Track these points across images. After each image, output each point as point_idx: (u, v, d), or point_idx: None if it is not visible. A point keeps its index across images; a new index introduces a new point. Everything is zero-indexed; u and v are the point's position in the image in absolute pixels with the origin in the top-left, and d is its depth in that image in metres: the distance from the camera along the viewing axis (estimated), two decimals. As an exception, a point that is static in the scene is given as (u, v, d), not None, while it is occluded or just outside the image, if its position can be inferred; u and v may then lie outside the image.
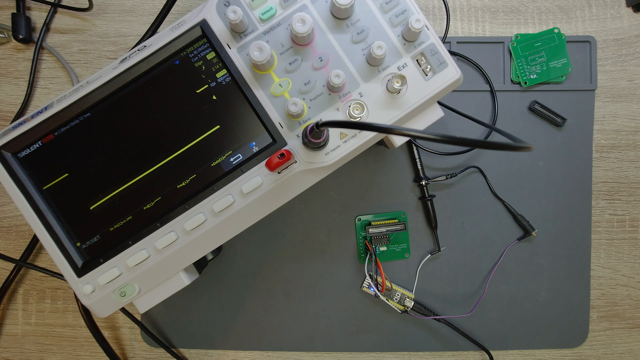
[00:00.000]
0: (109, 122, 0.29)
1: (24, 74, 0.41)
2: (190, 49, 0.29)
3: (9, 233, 0.42)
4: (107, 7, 0.41)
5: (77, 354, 0.42)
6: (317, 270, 0.41)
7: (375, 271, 0.40)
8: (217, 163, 0.30)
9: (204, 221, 0.29)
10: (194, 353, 0.42)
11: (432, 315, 0.40)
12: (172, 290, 0.32)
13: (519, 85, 0.41)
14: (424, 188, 0.40)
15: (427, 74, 0.29)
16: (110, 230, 0.30)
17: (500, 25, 0.41)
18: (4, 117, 0.41)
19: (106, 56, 0.41)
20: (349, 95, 0.29)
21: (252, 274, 0.41)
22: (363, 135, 0.29)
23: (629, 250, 0.41)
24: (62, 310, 0.42)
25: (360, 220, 0.41)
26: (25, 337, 0.42)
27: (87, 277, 0.30)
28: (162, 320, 0.41)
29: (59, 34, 0.41)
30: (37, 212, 0.29)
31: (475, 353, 0.41)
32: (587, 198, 0.41)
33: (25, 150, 0.30)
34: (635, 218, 0.41)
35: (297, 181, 0.30)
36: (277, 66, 0.29)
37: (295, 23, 0.27)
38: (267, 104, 0.29)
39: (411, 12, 0.28)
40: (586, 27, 0.41)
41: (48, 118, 0.29)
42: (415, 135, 0.20)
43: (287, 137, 0.29)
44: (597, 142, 0.41)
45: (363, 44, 0.29)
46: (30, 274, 0.42)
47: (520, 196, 0.41)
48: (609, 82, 0.41)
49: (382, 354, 0.42)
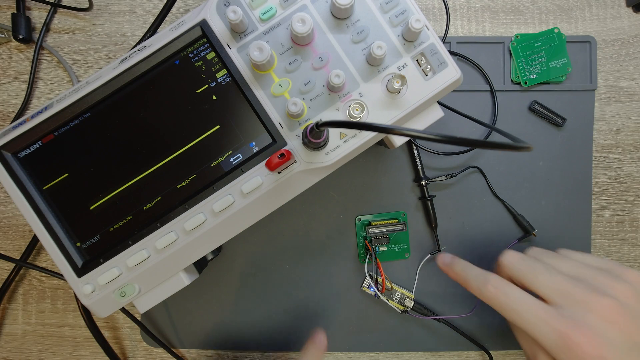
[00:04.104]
0: (108, 122, 0.29)
1: (24, 74, 0.41)
2: (190, 49, 0.29)
3: (9, 233, 0.42)
4: (107, 7, 0.41)
5: (77, 354, 0.42)
6: (317, 270, 0.41)
7: (375, 271, 0.40)
8: (217, 163, 0.30)
9: (204, 221, 0.29)
10: (194, 353, 0.42)
11: (432, 315, 0.40)
12: (172, 290, 0.32)
13: (519, 85, 0.41)
14: (424, 188, 0.40)
15: (427, 74, 0.29)
16: (110, 230, 0.30)
17: (500, 25, 0.41)
18: (4, 117, 0.41)
19: (106, 56, 0.41)
20: (349, 95, 0.29)
21: (252, 274, 0.41)
22: (363, 135, 0.29)
23: (629, 250, 0.41)
24: (62, 310, 0.42)
25: (360, 220, 0.41)
26: (25, 337, 0.42)
27: (87, 277, 0.30)
28: (162, 320, 0.41)
29: (59, 34, 0.41)
30: (37, 212, 0.29)
31: (475, 353, 0.41)
32: (587, 198, 0.41)
33: (25, 150, 0.30)
34: (635, 218, 0.41)
35: (297, 181, 0.30)
36: (277, 66, 0.29)
37: (295, 23, 0.27)
38: (267, 104, 0.29)
39: (411, 12, 0.28)
40: (586, 27, 0.41)
41: (48, 118, 0.29)
42: (415, 135, 0.20)
43: (287, 137, 0.29)
44: (597, 142, 0.41)
45: (363, 44, 0.29)
46: (30, 274, 0.42)
47: (520, 196, 0.41)
48: (609, 82, 0.41)
49: (382, 354, 0.42)
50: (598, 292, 0.26)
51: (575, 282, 0.27)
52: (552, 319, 0.26)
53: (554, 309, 0.27)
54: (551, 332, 0.26)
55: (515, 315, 0.27)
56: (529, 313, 0.27)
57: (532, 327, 0.27)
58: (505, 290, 0.28)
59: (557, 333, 0.26)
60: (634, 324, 0.26)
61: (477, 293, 0.29)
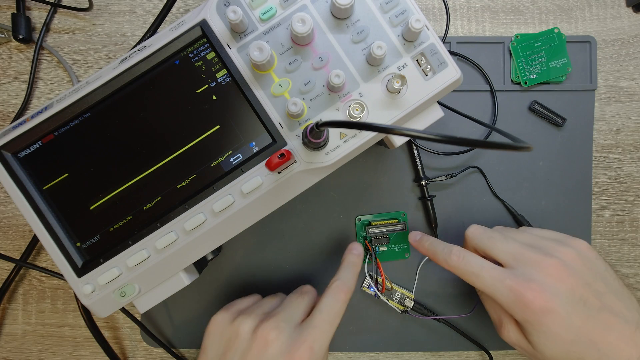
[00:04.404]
0: (109, 122, 0.29)
1: (24, 74, 0.41)
2: (190, 49, 0.29)
3: (9, 233, 0.42)
4: (107, 7, 0.41)
5: (77, 354, 0.42)
6: (317, 270, 0.41)
7: (375, 271, 0.40)
8: (217, 163, 0.30)
9: (204, 221, 0.29)
10: (194, 353, 0.42)
11: (432, 315, 0.40)
12: (172, 290, 0.32)
13: (519, 85, 0.41)
14: (424, 188, 0.40)
15: (427, 74, 0.29)
16: (110, 230, 0.30)
17: (500, 25, 0.41)
18: (4, 117, 0.41)
19: (106, 56, 0.41)
20: (349, 95, 0.29)
21: (252, 274, 0.41)
22: (363, 135, 0.29)
23: (629, 250, 0.41)
24: (62, 310, 0.42)
25: (360, 220, 0.41)
26: (25, 337, 0.42)
27: (87, 277, 0.30)
28: (162, 320, 0.41)
29: (59, 34, 0.41)
30: (37, 212, 0.29)
31: (475, 353, 0.41)
32: (587, 198, 0.41)
33: (25, 150, 0.30)
34: (635, 218, 0.41)
35: (297, 181, 0.30)
36: (277, 66, 0.29)
37: (295, 23, 0.27)
38: (267, 104, 0.29)
39: (411, 12, 0.28)
40: (586, 27, 0.41)
41: (48, 118, 0.29)
42: (415, 135, 0.20)
43: (287, 137, 0.29)
44: (597, 142, 0.41)
45: (363, 44, 0.29)
46: (30, 274, 0.42)
47: (520, 196, 0.41)
48: (609, 82, 0.41)
49: (382, 354, 0.42)
50: (546, 254, 0.31)
51: (527, 247, 0.32)
52: (506, 278, 0.30)
53: (508, 270, 0.31)
54: (505, 289, 0.30)
55: (474, 278, 0.31)
56: (486, 275, 0.31)
57: (489, 287, 0.30)
58: (466, 258, 0.32)
59: (510, 290, 0.29)
60: (577, 281, 0.30)
61: (444, 263, 0.33)
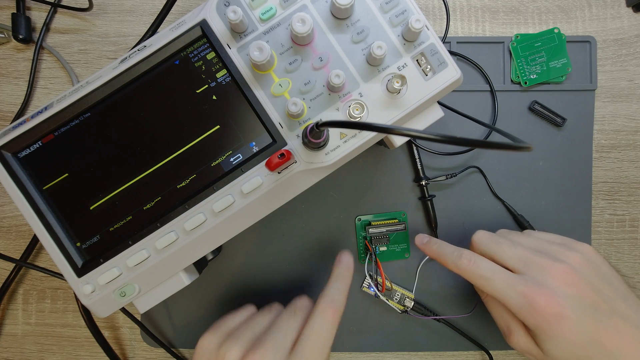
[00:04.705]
0: (109, 122, 0.29)
1: (24, 74, 0.41)
2: (190, 49, 0.29)
3: (9, 233, 0.42)
4: (107, 7, 0.41)
5: (77, 354, 0.42)
6: (317, 270, 0.41)
7: (375, 271, 0.40)
8: (217, 163, 0.30)
9: (204, 221, 0.29)
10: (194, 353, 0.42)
11: (432, 315, 0.40)
12: (172, 290, 0.32)
13: (519, 85, 0.41)
14: (424, 188, 0.40)
15: (427, 74, 0.29)
16: (110, 230, 0.30)
17: (500, 25, 0.41)
18: (4, 117, 0.41)
19: (106, 56, 0.41)
20: (349, 95, 0.29)
21: (252, 274, 0.41)
22: (363, 135, 0.29)
23: (629, 250, 0.41)
24: (62, 310, 0.42)
25: (360, 220, 0.41)
26: (25, 337, 0.42)
27: (87, 277, 0.30)
28: (162, 320, 0.41)
29: (59, 34, 0.41)
30: (37, 212, 0.29)
31: (475, 353, 0.41)
32: (587, 198, 0.41)
33: (25, 150, 0.30)
34: (635, 218, 0.41)
35: (297, 181, 0.30)
36: (277, 66, 0.29)
37: (295, 23, 0.27)
38: (267, 104, 0.29)
39: (411, 12, 0.28)
40: (586, 27, 0.41)
41: (48, 118, 0.29)
42: (415, 135, 0.20)
43: (287, 137, 0.29)
44: (597, 142, 0.41)
45: (363, 44, 0.29)
46: (30, 274, 0.42)
47: (520, 196, 0.41)
48: (609, 82, 0.41)
49: (382, 354, 0.42)
50: (554, 259, 0.31)
51: (535, 252, 0.32)
52: (517, 284, 0.30)
53: (518, 275, 0.31)
54: (516, 295, 0.30)
55: (485, 282, 0.31)
56: (497, 280, 0.31)
57: (500, 292, 0.31)
58: (477, 262, 0.32)
59: (522, 295, 0.30)
60: (586, 286, 0.30)
61: (453, 267, 0.33)
